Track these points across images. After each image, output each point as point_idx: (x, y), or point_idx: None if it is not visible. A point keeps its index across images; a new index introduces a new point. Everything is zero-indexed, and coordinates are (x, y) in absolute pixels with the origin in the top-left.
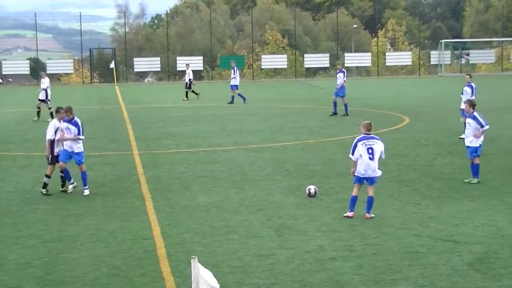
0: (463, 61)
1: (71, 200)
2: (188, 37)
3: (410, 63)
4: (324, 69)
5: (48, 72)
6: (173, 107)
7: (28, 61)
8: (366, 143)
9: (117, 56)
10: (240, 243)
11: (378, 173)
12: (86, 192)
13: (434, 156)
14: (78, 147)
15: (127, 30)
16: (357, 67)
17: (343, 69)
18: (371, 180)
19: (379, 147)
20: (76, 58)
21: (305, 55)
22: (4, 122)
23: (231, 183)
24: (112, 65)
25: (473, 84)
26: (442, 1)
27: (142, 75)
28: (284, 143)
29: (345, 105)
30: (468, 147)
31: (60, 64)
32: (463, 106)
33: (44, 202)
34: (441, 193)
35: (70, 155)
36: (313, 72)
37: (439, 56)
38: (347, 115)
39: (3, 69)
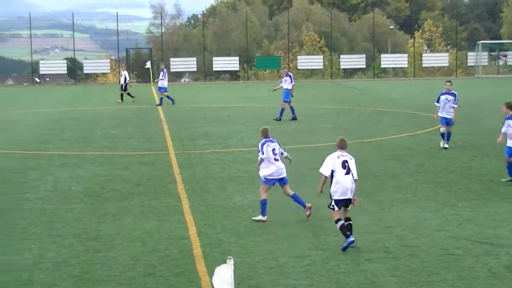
0: (501, 62)
1: (108, 199)
2: (225, 37)
3: (447, 64)
4: (360, 70)
5: (84, 71)
6: (209, 107)
7: (65, 61)
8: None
9: (153, 56)
10: (276, 243)
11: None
12: None
13: (471, 158)
14: None
15: (163, 30)
16: (393, 68)
17: (289, 73)
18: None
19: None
20: (112, 58)
21: (341, 56)
22: (41, 122)
23: None
24: (148, 65)
25: (455, 92)
26: (479, 2)
27: (178, 75)
28: (319, 144)
29: (291, 108)
30: (509, 147)
31: (97, 64)
32: (442, 114)
33: (81, 201)
34: (478, 195)
35: None
36: (350, 73)
37: (476, 57)
38: (295, 119)
39: (40, 68)
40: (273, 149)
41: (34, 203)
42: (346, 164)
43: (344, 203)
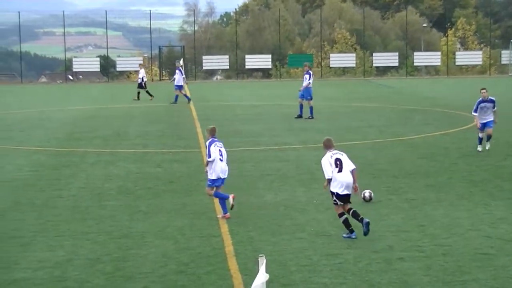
0: None
1: (141, 197)
2: (257, 35)
3: (481, 63)
4: (393, 68)
5: (117, 69)
6: (241, 105)
7: (98, 59)
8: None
9: (186, 54)
10: (308, 241)
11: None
12: None
13: (505, 157)
14: None
15: (196, 28)
16: (426, 66)
17: (309, 71)
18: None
19: None
20: (145, 55)
21: (374, 54)
22: (74, 119)
23: (299, 181)
24: (180, 63)
25: (493, 98)
26: None
27: (211, 73)
28: (352, 142)
29: (311, 108)
30: None
31: (130, 61)
32: (481, 120)
33: (113, 199)
34: (511, 194)
35: None
36: (382, 71)
37: (510, 55)
38: (312, 117)
39: (74, 66)
40: (220, 150)
41: (67, 200)
42: (338, 162)
43: (345, 198)
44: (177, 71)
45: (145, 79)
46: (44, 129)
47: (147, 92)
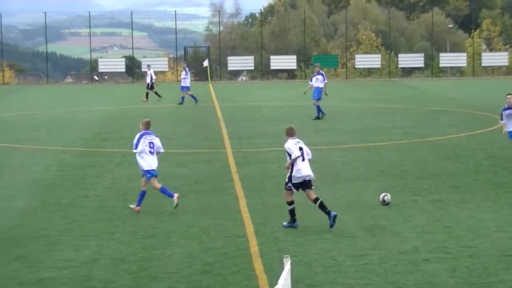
0: None
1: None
2: (283, 36)
3: (507, 64)
4: (418, 69)
5: (143, 70)
6: (266, 106)
7: (123, 59)
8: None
9: (211, 54)
10: (333, 242)
11: None
12: None
13: None
14: None
15: (221, 28)
16: (451, 67)
17: (321, 71)
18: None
19: None
20: (170, 56)
21: (399, 55)
22: (100, 119)
23: (324, 182)
24: (206, 64)
25: None
26: None
27: (236, 73)
28: (377, 143)
29: (318, 107)
30: None
31: (155, 62)
32: (509, 128)
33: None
34: None
35: None
36: (407, 72)
37: None
38: (318, 118)
39: (99, 66)
40: (150, 142)
41: (92, 200)
42: (302, 151)
43: (301, 185)
44: (183, 72)
45: (153, 80)
46: (70, 130)
47: (156, 93)
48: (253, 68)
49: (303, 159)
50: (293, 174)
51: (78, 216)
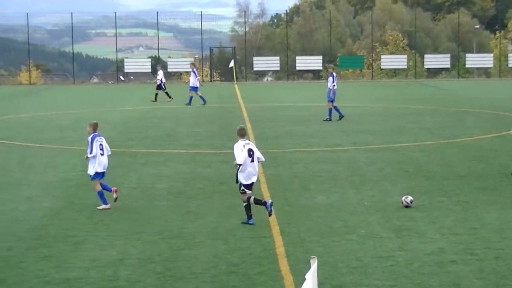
0: None
1: (191, 197)
2: (308, 36)
3: None
4: (445, 70)
5: (168, 70)
6: (292, 107)
7: (149, 59)
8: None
9: (236, 55)
10: (359, 243)
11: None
12: None
13: None
14: None
15: (247, 29)
16: (478, 68)
17: (333, 73)
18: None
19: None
20: (196, 56)
21: (425, 56)
22: (125, 119)
23: (350, 183)
24: (231, 64)
25: None
26: None
27: (261, 74)
28: (403, 144)
29: (329, 110)
30: None
31: (181, 62)
32: None
33: (164, 199)
34: None
35: None
36: (433, 73)
37: None
38: (329, 119)
39: (125, 67)
40: (100, 144)
41: (118, 200)
42: (251, 153)
43: (251, 186)
44: (191, 72)
45: (163, 80)
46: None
47: (166, 93)
48: (278, 68)
49: (252, 161)
50: (242, 177)
51: (104, 216)
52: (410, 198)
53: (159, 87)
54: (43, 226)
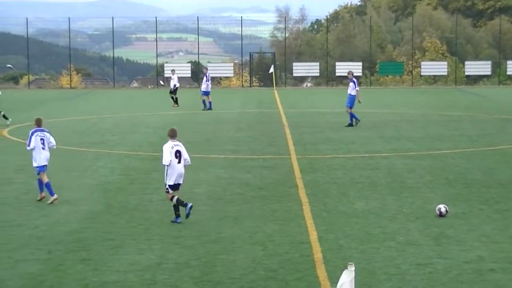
0: None
1: (230, 202)
2: (348, 42)
3: None
4: (485, 76)
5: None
6: (331, 113)
7: (189, 64)
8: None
9: (276, 60)
10: (398, 250)
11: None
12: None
13: None
14: None
15: (286, 34)
16: None
17: (353, 78)
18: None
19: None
20: (236, 61)
21: (466, 62)
22: (165, 124)
23: (389, 189)
24: (271, 70)
25: None
26: None
27: (301, 79)
28: (443, 151)
29: (351, 115)
30: None
31: (221, 67)
32: None
33: (202, 204)
34: None
35: None
36: (474, 79)
37: None
38: (351, 125)
39: (165, 71)
40: (42, 139)
41: (157, 204)
42: (178, 154)
43: (176, 187)
44: (204, 77)
45: (177, 85)
46: (136, 134)
47: (175, 99)
48: (318, 74)
49: (179, 162)
50: (168, 177)
51: (142, 220)
52: (444, 208)
53: (172, 91)
54: (82, 229)
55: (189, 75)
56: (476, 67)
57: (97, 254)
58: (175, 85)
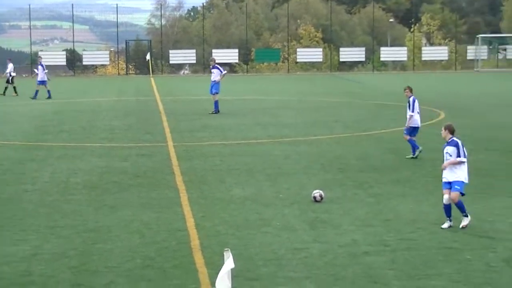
0: (500, 56)
1: (106, 191)
2: (224, 29)
3: (447, 58)
4: (360, 63)
5: (84, 63)
6: (208, 100)
7: (64, 52)
8: None
9: (153, 48)
10: (274, 236)
11: None
12: None
13: (469, 152)
14: None
15: (163, 22)
16: (393, 61)
17: (216, 65)
18: None
19: None
20: (112, 49)
21: (341, 49)
22: (40, 113)
23: (266, 176)
24: (148, 57)
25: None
26: None
27: (178, 67)
28: (319, 136)
29: (215, 103)
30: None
31: (96, 55)
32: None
33: (79, 193)
34: (476, 189)
35: None
36: (349, 66)
37: (476, 51)
38: (216, 112)
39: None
40: None
41: (32, 194)
42: None
43: None
44: (39, 66)
45: (13, 74)
46: (11, 123)
47: (14, 88)
48: (195, 61)
49: None
50: None
51: (17, 211)
52: (319, 192)
53: (8, 81)
54: None
55: (64, 63)
56: (351, 54)
57: None
58: (10, 73)
